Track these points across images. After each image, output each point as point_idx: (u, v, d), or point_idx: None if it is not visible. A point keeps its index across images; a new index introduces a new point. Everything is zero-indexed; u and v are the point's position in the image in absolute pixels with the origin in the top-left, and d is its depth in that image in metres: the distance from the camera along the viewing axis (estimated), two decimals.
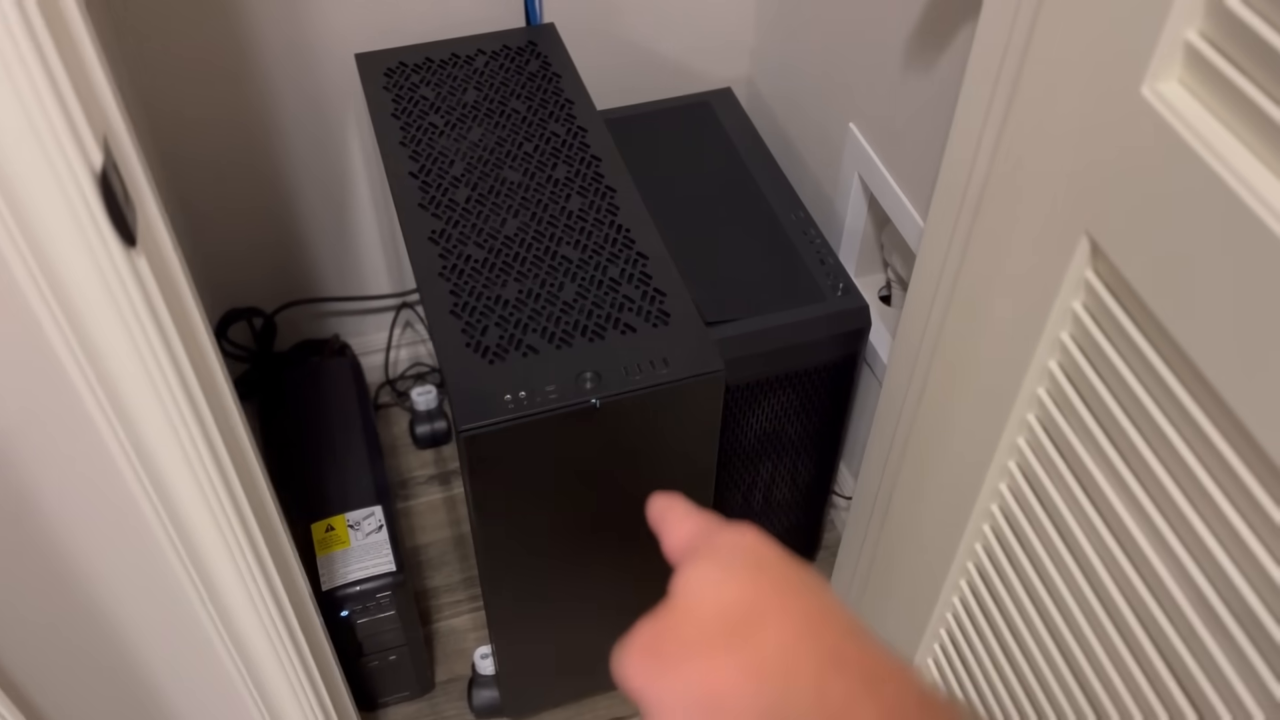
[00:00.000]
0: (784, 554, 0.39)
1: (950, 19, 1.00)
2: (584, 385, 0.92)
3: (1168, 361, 0.64)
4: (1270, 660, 0.60)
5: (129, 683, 0.86)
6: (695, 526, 0.41)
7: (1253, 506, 0.59)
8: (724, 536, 0.40)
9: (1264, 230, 0.54)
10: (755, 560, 0.38)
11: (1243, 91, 0.55)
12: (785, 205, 1.28)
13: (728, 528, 0.40)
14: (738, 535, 0.39)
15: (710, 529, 0.41)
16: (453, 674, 1.37)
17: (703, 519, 0.42)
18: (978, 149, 0.80)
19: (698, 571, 0.38)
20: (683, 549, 0.41)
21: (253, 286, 1.49)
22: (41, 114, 0.52)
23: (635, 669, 0.36)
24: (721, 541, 0.39)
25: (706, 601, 0.36)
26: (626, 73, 1.45)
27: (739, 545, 0.39)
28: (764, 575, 0.37)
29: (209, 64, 1.26)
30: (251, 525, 0.80)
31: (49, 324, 0.60)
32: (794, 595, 0.36)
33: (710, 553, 0.38)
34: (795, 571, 0.38)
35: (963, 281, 0.87)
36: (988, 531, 0.89)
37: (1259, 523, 0.59)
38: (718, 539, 0.39)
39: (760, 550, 0.38)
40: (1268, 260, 0.54)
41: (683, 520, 0.42)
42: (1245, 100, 0.56)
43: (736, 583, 0.36)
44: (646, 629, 0.37)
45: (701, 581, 0.37)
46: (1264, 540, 0.59)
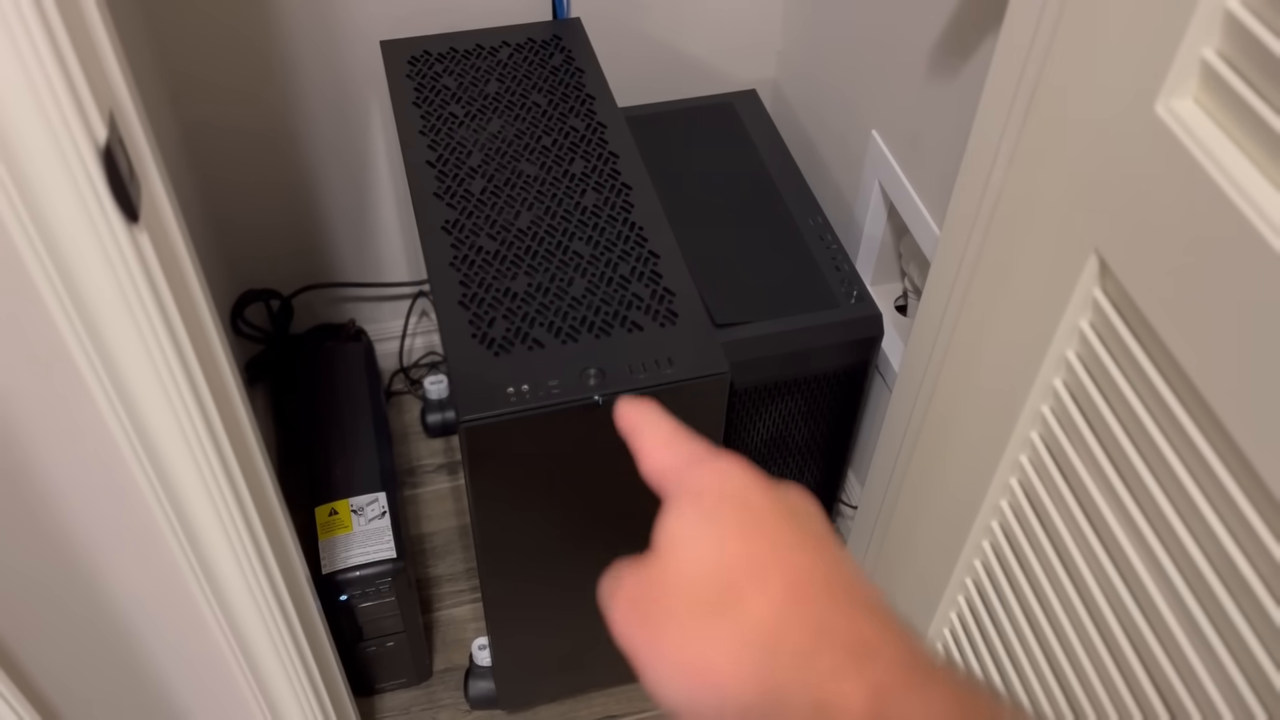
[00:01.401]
0: (773, 493, 0.37)
1: (974, 29, 0.99)
2: (587, 381, 0.92)
3: (1172, 386, 0.63)
4: (1259, 690, 0.59)
5: (125, 658, 0.87)
6: (677, 457, 0.39)
7: (1251, 538, 0.58)
8: (709, 474, 0.37)
9: (1274, 257, 0.53)
10: (743, 507, 0.36)
11: (1258, 113, 0.54)
12: (804, 210, 1.27)
13: (711, 461, 0.38)
14: (723, 472, 0.37)
15: (694, 460, 0.38)
16: (451, 663, 1.38)
17: (684, 447, 0.39)
18: (994, 161, 0.79)
19: (683, 523, 0.36)
20: (662, 478, 0.39)
21: (271, 268, 1.50)
22: (46, 87, 0.53)
23: (623, 622, 0.36)
24: (707, 482, 0.37)
25: (692, 560, 0.35)
26: (652, 70, 1.45)
27: (725, 487, 0.37)
28: (752, 528, 0.35)
29: (237, 41, 1.27)
30: (248, 506, 0.81)
31: (50, 298, 0.61)
32: (785, 553, 0.35)
33: (695, 498, 0.37)
34: (786, 519, 0.36)
35: (973, 295, 0.86)
36: (987, 548, 0.88)
37: (1257, 554, 0.58)
38: (703, 476, 0.37)
39: (748, 492, 0.37)
40: (1277, 289, 0.53)
41: (662, 445, 0.39)
42: (1260, 121, 0.55)
43: (723, 539, 0.35)
44: (631, 579, 0.36)
45: (688, 537, 0.36)
46: (1260, 571, 0.58)
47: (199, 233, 1.31)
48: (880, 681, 0.31)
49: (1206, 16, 0.56)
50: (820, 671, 0.32)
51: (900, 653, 0.33)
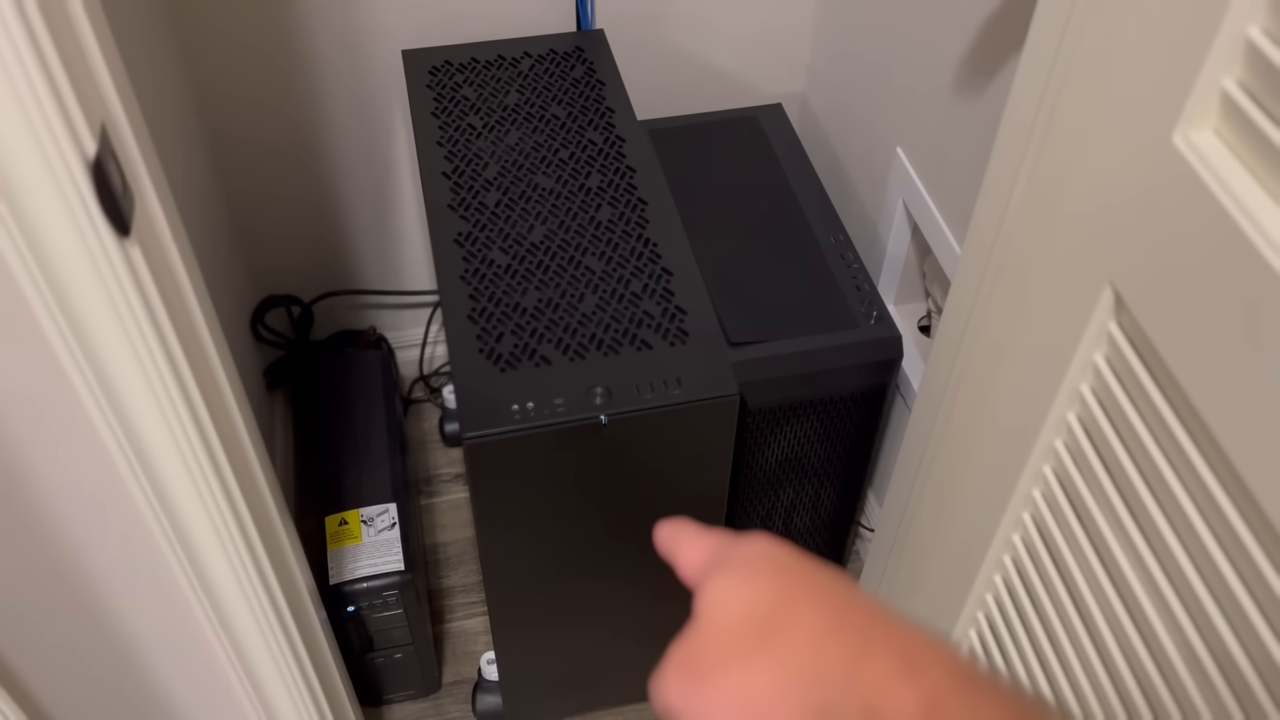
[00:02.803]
0: (802, 556, 0.38)
1: (999, 50, 0.97)
2: (593, 400, 0.90)
3: (1185, 424, 0.61)
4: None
5: (122, 669, 0.87)
6: (708, 545, 0.41)
7: (1259, 581, 0.56)
8: (739, 548, 0.39)
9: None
10: (774, 564, 0.38)
11: (1278, 146, 0.52)
12: (826, 227, 1.25)
13: (742, 539, 0.40)
14: (753, 544, 0.39)
15: (724, 544, 0.40)
16: (460, 675, 1.37)
17: (714, 537, 0.41)
18: (1013, 186, 0.77)
19: (718, 585, 0.37)
20: (699, 570, 0.40)
21: (293, 274, 1.50)
22: (32, 100, 0.52)
23: (673, 689, 0.36)
24: (738, 553, 0.39)
25: (731, 611, 0.36)
26: (676, 82, 1.43)
27: (755, 553, 0.39)
28: (785, 577, 0.37)
29: (262, 52, 1.27)
30: (245, 517, 0.80)
31: (41, 312, 0.60)
32: (818, 591, 0.36)
33: (728, 565, 0.38)
34: (816, 570, 0.37)
35: (991, 322, 0.83)
36: (998, 581, 0.86)
37: (1264, 597, 0.56)
38: (733, 552, 0.39)
39: (777, 554, 0.38)
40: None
41: (694, 541, 0.42)
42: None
43: (758, 588, 0.36)
44: (677, 650, 0.37)
45: (724, 594, 0.37)
46: (1266, 614, 0.55)
47: (222, 239, 1.31)
48: (932, 689, 0.31)
49: (1227, 45, 0.54)
50: (868, 681, 0.32)
51: (948, 662, 0.33)
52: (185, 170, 1.16)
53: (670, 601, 1.12)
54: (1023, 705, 0.32)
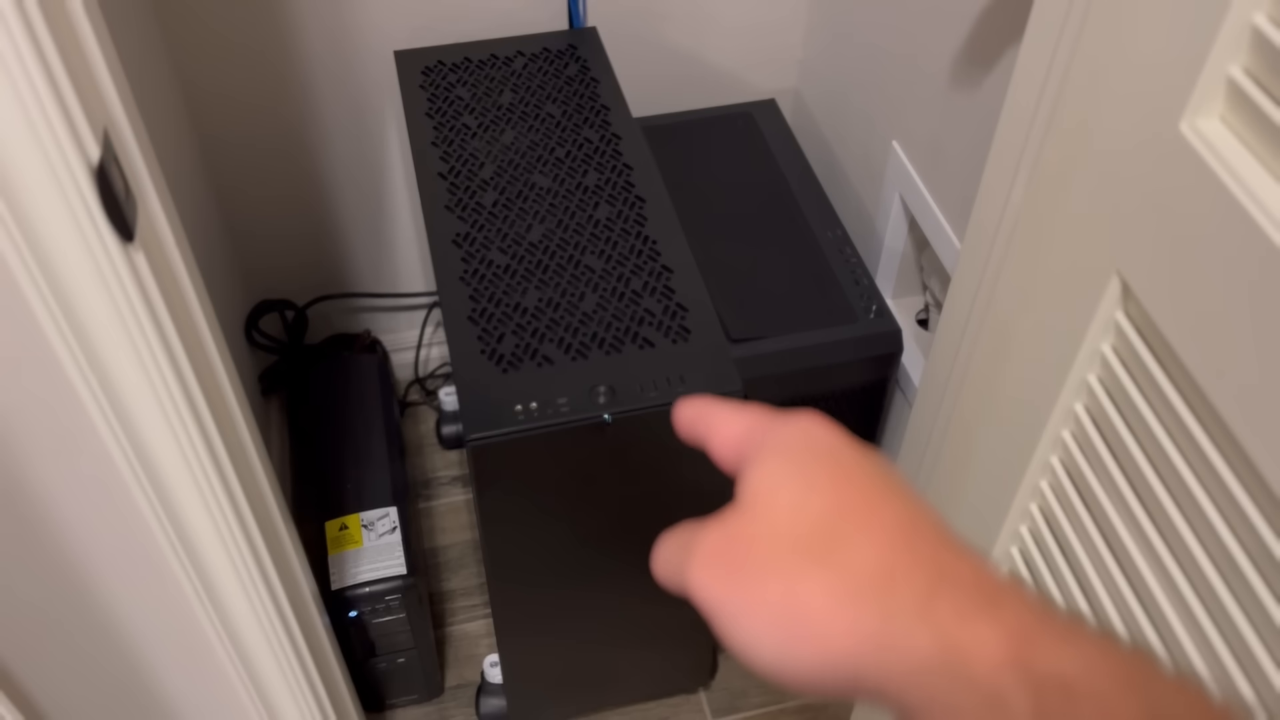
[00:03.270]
0: (861, 448, 0.34)
1: (997, 40, 0.97)
2: (597, 399, 0.90)
3: (1195, 413, 0.61)
4: (1271, 711, 0.56)
5: (126, 675, 0.86)
6: (750, 421, 0.36)
7: (1275, 568, 0.56)
8: (789, 428, 0.35)
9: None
10: (832, 457, 0.33)
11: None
12: (823, 222, 1.25)
13: (790, 417, 0.35)
14: (806, 426, 0.35)
15: (769, 421, 0.35)
16: (463, 679, 1.36)
17: (755, 413, 0.36)
18: (1014, 178, 0.77)
19: (769, 472, 0.33)
20: (739, 448, 0.36)
21: (286, 278, 1.49)
22: (37, 106, 0.52)
23: (708, 578, 0.32)
24: (788, 435, 0.34)
25: (783, 508, 0.32)
26: (669, 79, 1.43)
27: (810, 439, 0.34)
28: (845, 477, 0.33)
29: (253, 53, 1.26)
30: (250, 524, 0.80)
31: (44, 317, 0.60)
32: (883, 500, 0.32)
33: (778, 449, 0.34)
34: (879, 471, 0.33)
35: (994, 314, 0.83)
36: None
37: (1277, 582, 0.56)
38: (783, 432, 0.35)
39: (835, 444, 0.34)
40: None
41: (731, 419, 0.37)
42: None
43: (816, 487, 0.32)
44: (715, 534, 0.33)
45: (776, 484, 0.33)
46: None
47: (214, 243, 1.30)
48: (1016, 626, 0.28)
49: (1233, 33, 0.54)
50: (943, 615, 0.29)
51: (1029, 600, 0.29)
52: (177, 174, 1.15)
53: (675, 601, 1.12)
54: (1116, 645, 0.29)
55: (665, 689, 1.32)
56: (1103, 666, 0.28)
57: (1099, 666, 0.28)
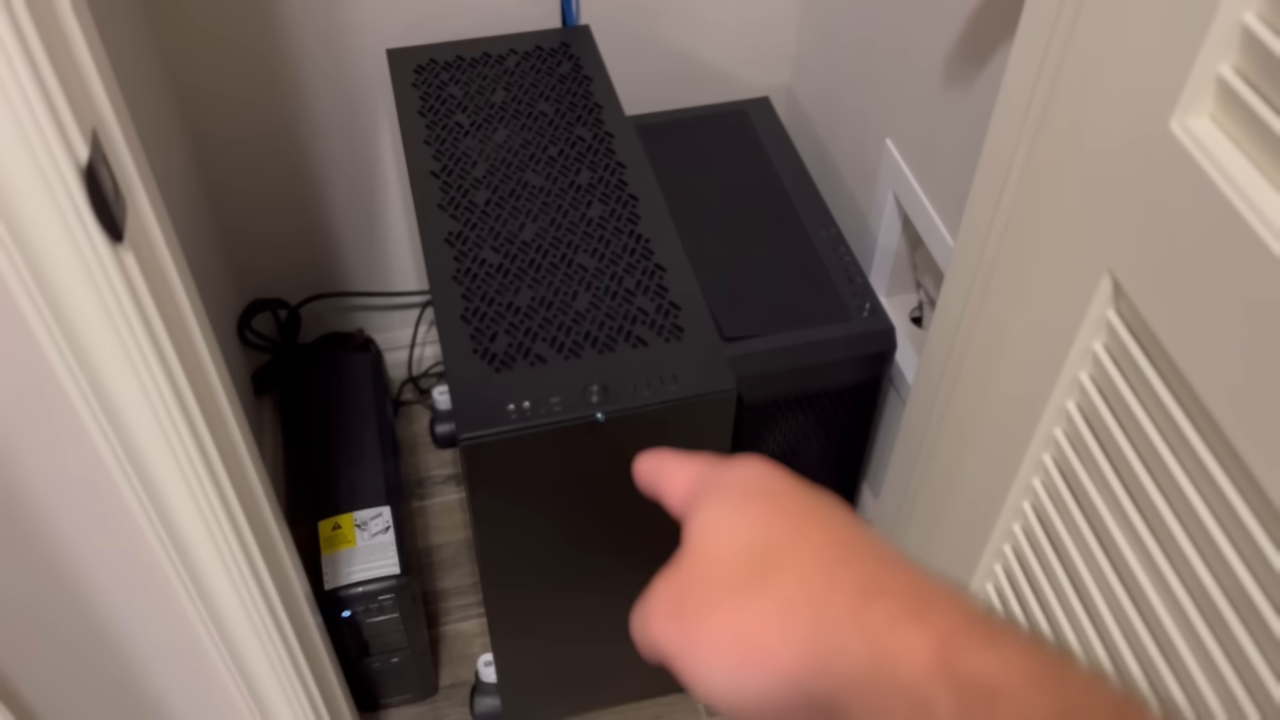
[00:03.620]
0: (797, 482, 0.36)
1: (989, 38, 0.97)
2: (590, 398, 0.90)
3: (1186, 411, 0.61)
4: (1261, 705, 0.56)
5: (119, 677, 0.86)
6: (695, 470, 0.38)
7: (1263, 563, 0.56)
8: (729, 474, 0.37)
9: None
10: (766, 493, 0.35)
11: (1275, 131, 0.52)
12: (817, 220, 1.25)
13: (731, 463, 0.37)
14: (743, 469, 0.36)
15: (712, 469, 0.38)
16: (457, 678, 1.36)
17: (701, 462, 0.38)
18: (1007, 177, 0.77)
19: (707, 515, 0.35)
20: (686, 497, 0.38)
21: (279, 277, 1.49)
22: (24, 106, 0.51)
23: (661, 629, 0.34)
24: (727, 479, 0.36)
25: (721, 544, 0.34)
26: (663, 77, 1.43)
27: (747, 478, 0.36)
28: (778, 507, 0.34)
29: (244, 51, 1.26)
30: (242, 525, 0.79)
31: (34, 318, 0.60)
32: (814, 524, 0.34)
33: (717, 493, 0.36)
34: (812, 499, 0.35)
35: (987, 312, 0.84)
36: (999, 571, 0.86)
37: (1267, 579, 0.56)
38: (723, 477, 0.37)
39: (770, 481, 0.36)
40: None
41: (680, 468, 0.39)
42: (1277, 140, 0.52)
43: (751, 519, 0.34)
44: (665, 585, 0.35)
45: (713, 525, 0.35)
46: (1270, 596, 0.56)
47: (206, 243, 1.30)
48: (944, 632, 0.29)
49: (1223, 32, 0.54)
50: (875, 624, 0.30)
51: (958, 606, 0.30)
52: (168, 172, 1.14)
53: None
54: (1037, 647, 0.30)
55: (659, 687, 1.32)
56: (1020, 667, 0.29)
57: (1017, 666, 0.29)
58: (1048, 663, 0.29)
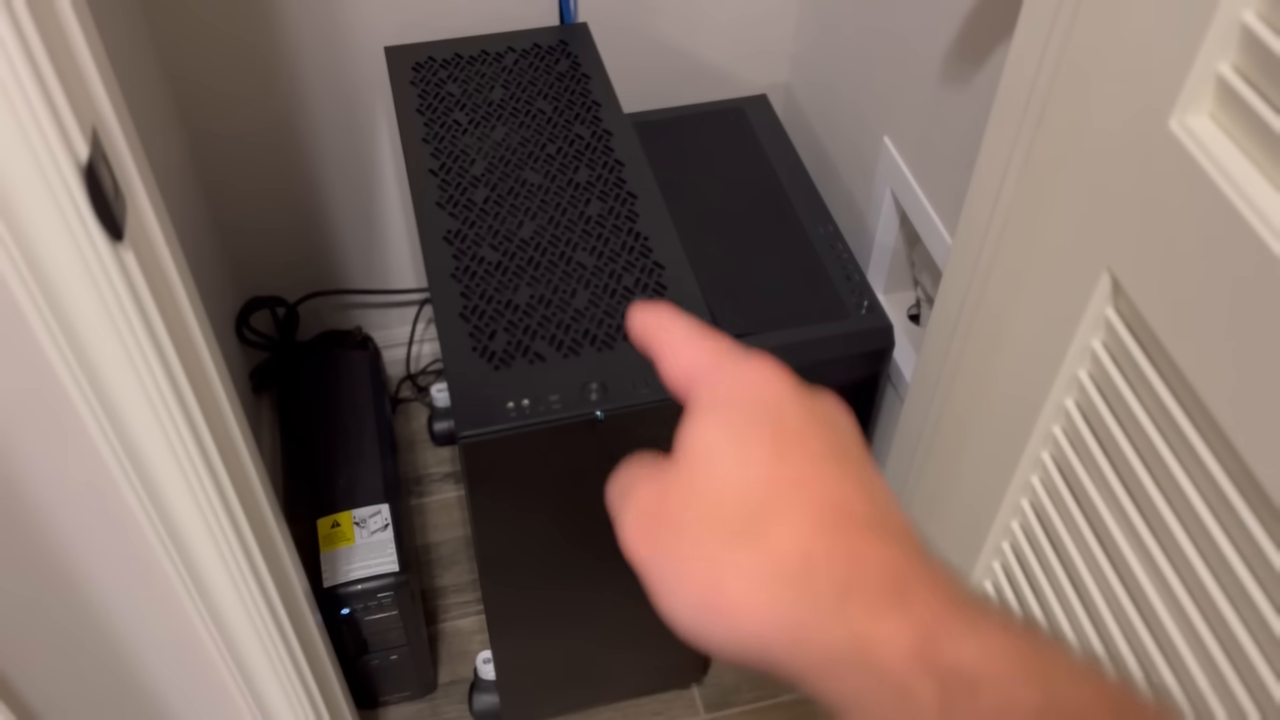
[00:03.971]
0: (808, 404, 0.34)
1: (987, 36, 0.97)
2: (589, 396, 0.90)
3: (1185, 409, 0.61)
4: (1260, 703, 0.57)
5: (118, 674, 0.86)
6: (702, 355, 0.35)
7: (1261, 561, 0.56)
8: (738, 377, 0.34)
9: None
10: (776, 422, 0.33)
11: (1274, 129, 0.52)
12: (814, 218, 1.25)
13: (740, 361, 0.35)
14: (755, 378, 0.34)
15: (721, 361, 0.35)
16: (456, 676, 1.36)
17: (710, 344, 0.36)
18: (1005, 175, 0.77)
19: (709, 432, 0.33)
20: (687, 382, 0.35)
21: (277, 275, 1.49)
22: (24, 104, 0.51)
23: (634, 534, 0.33)
24: (737, 385, 0.34)
25: (716, 478, 0.32)
26: (661, 75, 1.43)
27: (756, 393, 0.34)
28: (783, 446, 0.32)
29: (242, 49, 1.26)
30: (242, 523, 0.79)
31: (33, 317, 0.60)
32: (815, 476, 0.32)
33: (721, 404, 0.34)
34: (819, 436, 0.33)
35: (985, 309, 0.84)
36: (997, 568, 0.86)
37: (1266, 576, 0.56)
38: (732, 379, 0.34)
39: (780, 401, 0.34)
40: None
41: (685, 343, 0.36)
42: (1276, 138, 0.52)
43: (751, 458, 0.32)
44: (649, 489, 0.33)
45: (713, 449, 0.33)
46: (1268, 593, 0.56)
47: (204, 240, 1.30)
48: (925, 620, 0.29)
49: (1222, 31, 0.54)
50: (855, 608, 0.29)
51: (943, 590, 0.30)
52: (166, 170, 1.14)
53: None
54: (1024, 634, 0.29)
55: (658, 685, 1.32)
56: (1004, 654, 0.28)
57: (1000, 654, 0.28)
58: (1034, 650, 0.29)
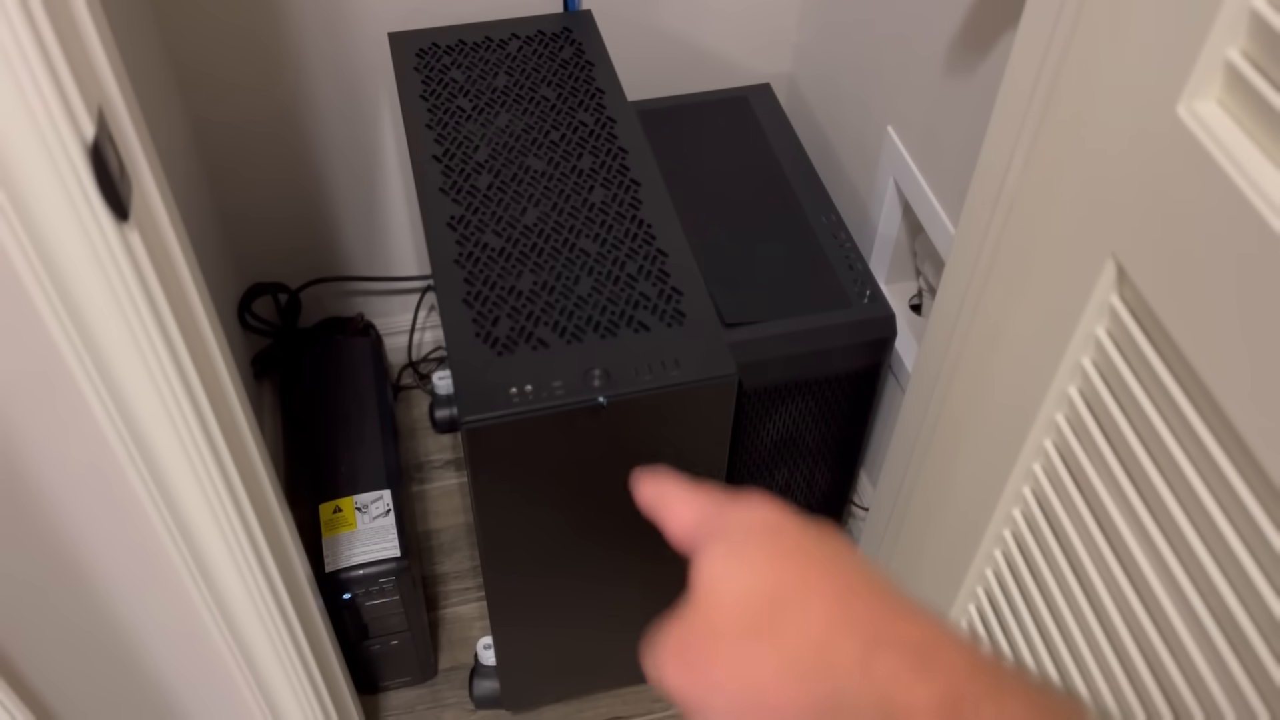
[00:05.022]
0: (801, 522, 0.36)
1: (992, 25, 0.97)
2: (592, 382, 0.90)
3: (1190, 397, 0.61)
4: (1268, 698, 0.57)
5: (122, 657, 0.86)
6: (700, 508, 0.39)
7: (1269, 553, 0.56)
8: (734, 515, 0.37)
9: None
10: (772, 536, 0.36)
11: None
12: (817, 207, 1.25)
13: (736, 503, 0.38)
14: (748, 510, 0.37)
15: (717, 508, 0.38)
16: (456, 661, 1.37)
17: (706, 498, 0.39)
18: (1010, 162, 0.77)
19: (714, 561, 0.36)
20: (691, 534, 0.38)
21: (279, 261, 1.49)
22: (31, 84, 0.51)
23: (671, 674, 0.34)
24: (733, 521, 0.37)
25: (729, 592, 0.34)
26: (664, 63, 1.43)
27: (752, 522, 0.36)
28: (784, 553, 0.35)
29: (246, 34, 1.26)
30: (245, 505, 0.80)
31: (39, 296, 0.60)
32: (819, 570, 0.34)
33: (723, 537, 0.36)
34: (817, 542, 0.35)
35: (988, 298, 0.84)
36: (998, 556, 0.86)
37: (1270, 565, 0.56)
38: (728, 519, 0.37)
39: (774, 524, 0.36)
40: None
41: (684, 503, 0.39)
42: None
43: (756, 567, 0.34)
44: (675, 630, 0.35)
45: (720, 572, 0.35)
46: (1273, 582, 0.56)
47: (207, 226, 1.30)
48: (949, 684, 0.30)
49: (1231, 16, 0.54)
50: (880, 675, 0.30)
51: (964, 655, 0.31)
52: (170, 156, 1.14)
53: (668, 583, 1.13)
54: (1047, 699, 0.30)
55: None
56: (1025, 717, 0.30)
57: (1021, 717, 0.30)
58: (1055, 712, 0.30)
